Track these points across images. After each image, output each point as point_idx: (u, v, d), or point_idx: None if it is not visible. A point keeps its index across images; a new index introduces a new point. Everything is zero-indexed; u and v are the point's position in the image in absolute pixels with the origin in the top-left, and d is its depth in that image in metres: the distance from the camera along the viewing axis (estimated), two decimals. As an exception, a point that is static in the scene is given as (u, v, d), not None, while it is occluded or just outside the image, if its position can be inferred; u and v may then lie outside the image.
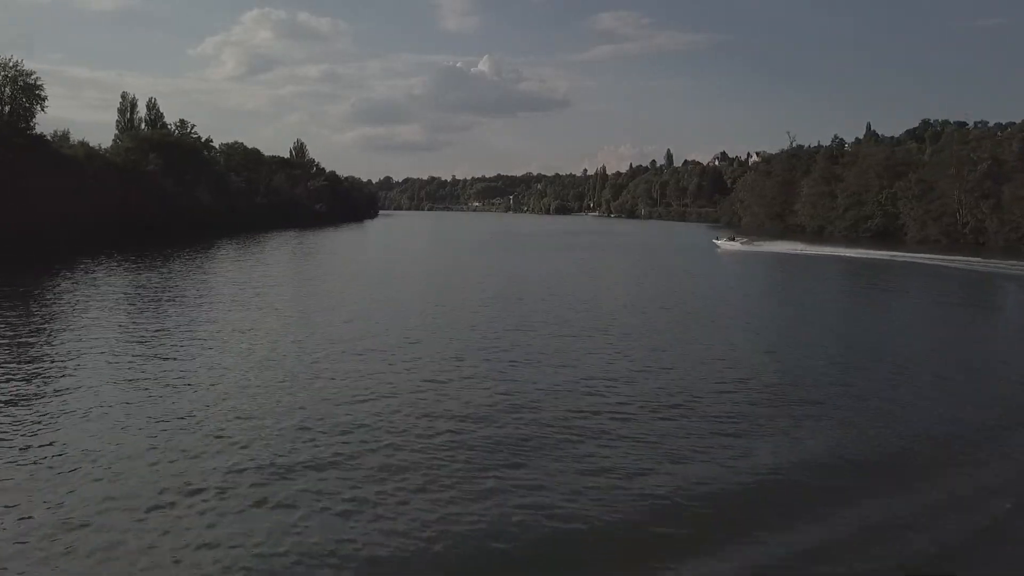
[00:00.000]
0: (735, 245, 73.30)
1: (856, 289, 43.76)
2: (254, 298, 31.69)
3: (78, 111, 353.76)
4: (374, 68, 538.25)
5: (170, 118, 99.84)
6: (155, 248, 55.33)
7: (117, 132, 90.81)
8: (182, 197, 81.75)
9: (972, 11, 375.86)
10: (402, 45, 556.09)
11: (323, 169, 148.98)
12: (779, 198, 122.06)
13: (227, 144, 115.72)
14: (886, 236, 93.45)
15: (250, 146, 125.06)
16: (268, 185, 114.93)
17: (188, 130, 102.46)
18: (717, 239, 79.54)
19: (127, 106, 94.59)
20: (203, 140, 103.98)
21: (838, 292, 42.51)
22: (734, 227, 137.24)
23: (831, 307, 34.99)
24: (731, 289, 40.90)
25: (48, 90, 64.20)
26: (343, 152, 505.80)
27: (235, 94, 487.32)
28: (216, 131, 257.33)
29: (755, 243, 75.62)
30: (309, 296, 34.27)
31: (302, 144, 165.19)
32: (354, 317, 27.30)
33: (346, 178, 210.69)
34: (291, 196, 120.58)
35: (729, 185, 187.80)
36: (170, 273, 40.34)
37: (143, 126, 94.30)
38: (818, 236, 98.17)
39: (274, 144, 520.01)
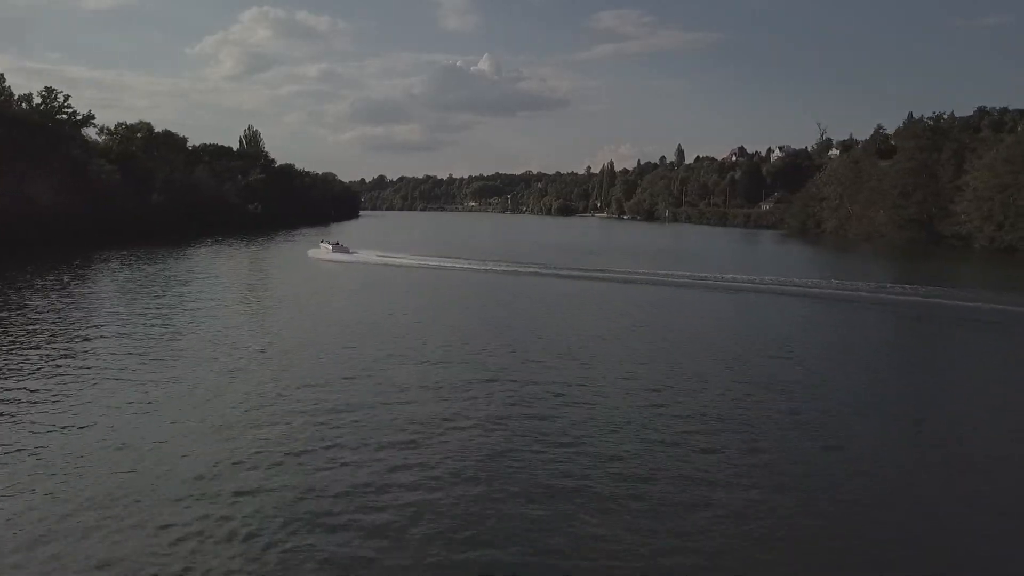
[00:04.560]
0: (326, 250, 59.48)
1: None
2: None
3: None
4: (373, 67, 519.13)
5: (169, 117, 74.54)
6: None
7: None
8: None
9: (971, 11, 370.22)
10: (401, 44, 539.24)
11: (272, 161, 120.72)
12: (915, 195, 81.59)
13: (125, 125, 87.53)
14: None
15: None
16: (184, 179, 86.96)
17: (59, 102, 75.18)
18: (323, 242, 63.84)
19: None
20: (79, 117, 76.48)
21: None
22: (809, 232, 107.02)
23: None
24: None
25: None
26: (342, 152, 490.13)
27: (234, 94, 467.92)
28: (216, 131, 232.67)
29: (351, 251, 59.30)
30: None
31: (255, 132, 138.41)
32: None
33: (322, 174, 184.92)
34: (217, 193, 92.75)
35: (769, 181, 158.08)
36: None
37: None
38: (1011, 255, 65.06)
39: (271, 144, 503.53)
